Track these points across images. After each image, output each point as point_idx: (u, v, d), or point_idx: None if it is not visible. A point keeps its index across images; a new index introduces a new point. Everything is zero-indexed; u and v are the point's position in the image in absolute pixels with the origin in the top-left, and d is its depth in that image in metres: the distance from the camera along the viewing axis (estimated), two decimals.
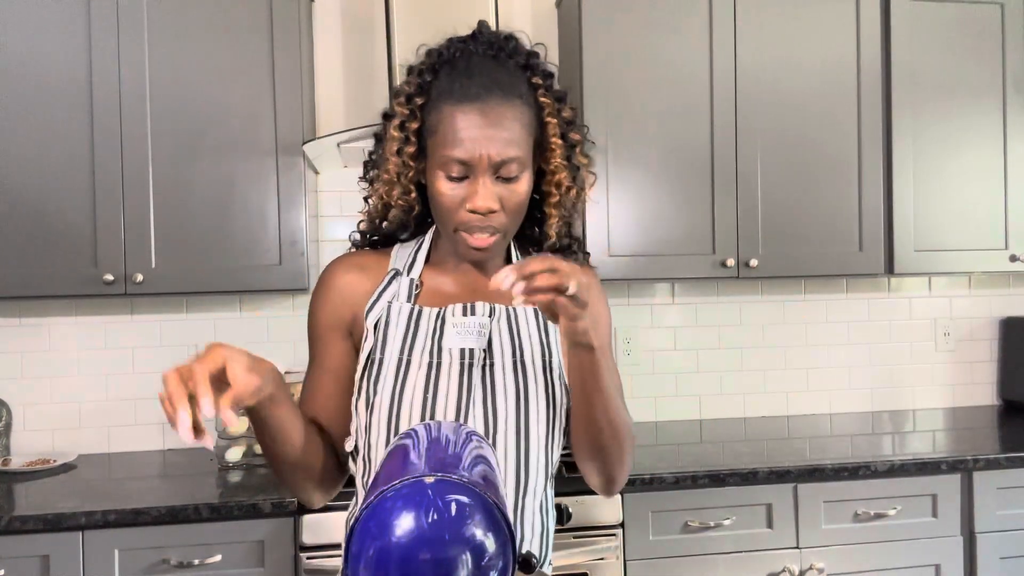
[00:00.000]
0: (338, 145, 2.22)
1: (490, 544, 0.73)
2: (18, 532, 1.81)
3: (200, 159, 2.17)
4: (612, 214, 2.34)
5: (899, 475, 2.12)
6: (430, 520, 0.71)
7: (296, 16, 2.21)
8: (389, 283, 1.14)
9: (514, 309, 1.13)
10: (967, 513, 2.16)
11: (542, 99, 1.09)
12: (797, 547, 2.08)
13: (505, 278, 0.88)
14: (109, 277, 2.11)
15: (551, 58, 1.02)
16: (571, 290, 0.90)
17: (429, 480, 0.73)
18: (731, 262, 2.38)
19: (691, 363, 2.77)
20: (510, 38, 1.11)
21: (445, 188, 1.05)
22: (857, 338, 2.86)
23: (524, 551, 1.02)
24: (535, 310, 1.13)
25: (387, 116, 1.13)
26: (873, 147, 2.45)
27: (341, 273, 1.16)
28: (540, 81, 1.09)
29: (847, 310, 2.85)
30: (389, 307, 1.11)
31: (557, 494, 1.97)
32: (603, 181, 2.33)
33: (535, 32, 2.66)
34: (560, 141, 1.10)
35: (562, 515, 1.93)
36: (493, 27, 1.17)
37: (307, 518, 1.88)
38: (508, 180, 1.04)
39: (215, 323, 2.52)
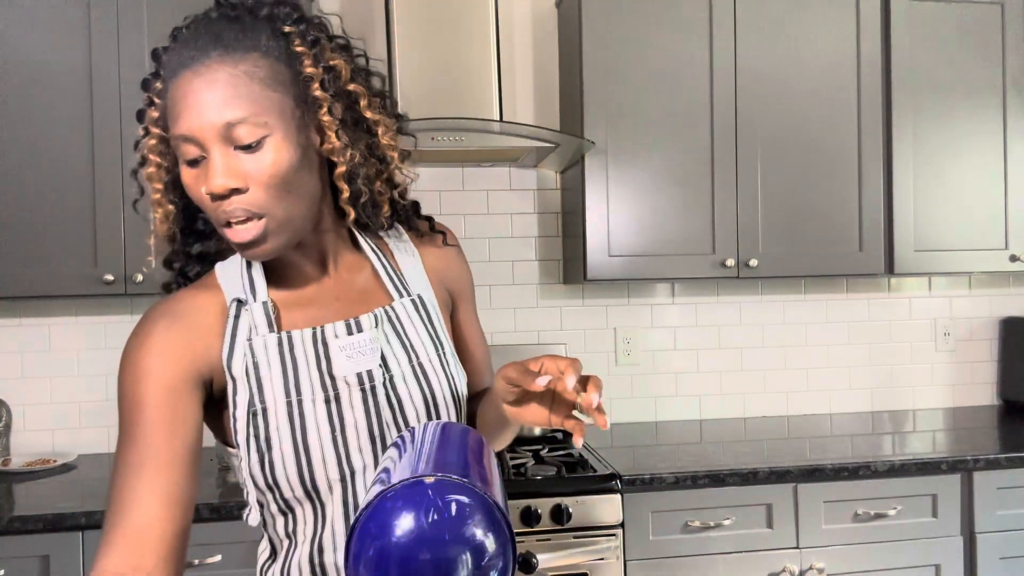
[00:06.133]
0: None
1: (490, 544, 0.72)
2: (18, 532, 1.81)
3: None
4: (612, 214, 2.34)
5: (899, 475, 2.12)
6: (430, 520, 0.71)
7: None
8: (237, 317, 0.93)
9: (392, 308, 1.00)
10: (967, 513, 2.16)
11: (297, 48, 0.89)
12: (797, 547, 2.08)
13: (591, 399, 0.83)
14: (109, 277, 2.11)
15: (551, 58, 0.94)
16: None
17: (429, 480, 0.73)
18: (731, 262, 2.38)
19: (691, 363, 2.77)
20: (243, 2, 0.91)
21: (188, 178, 0.87)
22: (857, 338, 2.86)
23: (524, 551, 1.02)
24: (412, 301, 1.03)
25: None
26: (873, 147, 2.45)
27: (163, 328, 0.90)
28: (291, 28, 0.90)
29: (847, 310, 2.85)
30: (250, 345, 0.92)
31: (558, 495, 1.98)
32: (603, 181, 2.33)
33: (535, 32, 2.66)
34: (324, 93, 0.90)
35: (562, 515, 1.93)
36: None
37: None
38: (248, 148, 0.85)
39: None
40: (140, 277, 2.13)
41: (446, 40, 2.27)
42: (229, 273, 0.97)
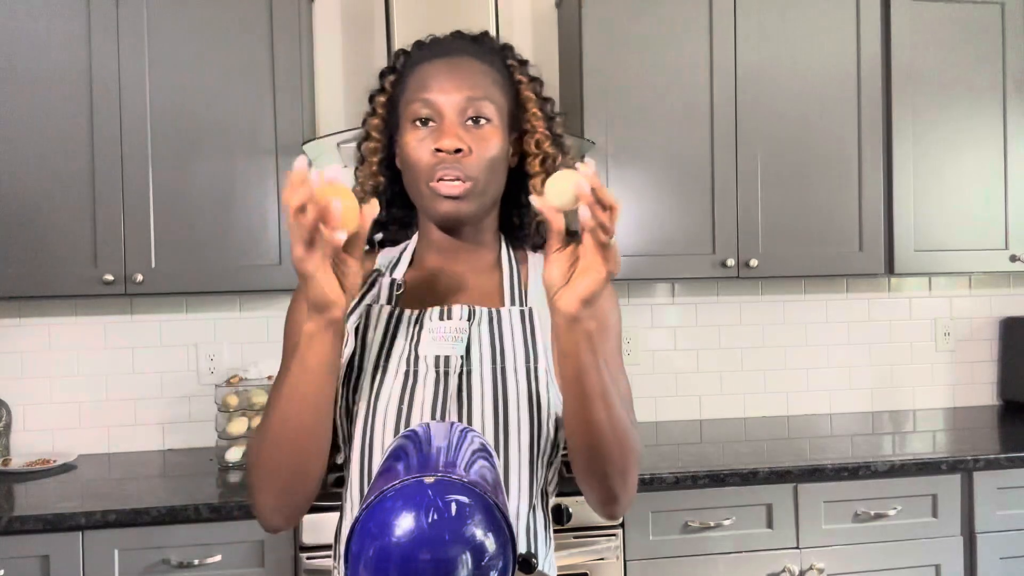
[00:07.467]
0: (338, 145, 2.22)
1: (490, 544, 0.73)
2: (18, 532, 1.81)
3: (200, 159, 2.17)
4: None
5: (899, 475, 2.12)
6: (430, 520, 0.71)
7: (296, 16, 2.21)
8: (371, 284, 1.09)
9: (497, 311, 1.05)
10: (967, 513, 2.16)
11: (518, 76, 1.10)
12: (797, 547, 2.08)
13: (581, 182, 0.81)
14: (109, 277, 2.11)
15: (551, 58, 1.00)
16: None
17: (429, 480, 0.73)
18: (731, 262, 2.38)
19: (691, 363, 2.77)
20: (485, 33, 1.14)
21: (412, 138, 1.02)
22: (857, 338, 2.86)
23: (523, 551, 1.01)
24: (520, 312, 1.06)
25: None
26: (873, 147, 2.45)
27: None
28: (515, 63, 1.11)
29: (847, 310, 2.85)
30: (368, 310, 1.07)
31: (558, 494, 1.97)
32: (603, 181, 2.33)
33: (535, 32, 2.66)
34: (537, 110, 1.10)
35: (562, 515, 1.93)
36: (492, 27, 1.17)
37: (307, 518, 1.87)
38: (477, 124, 1.02)
39: (215, 323, 2.52)
40: (140, 277, 2.13)
41: None
42: (387, 254, 1.14)
